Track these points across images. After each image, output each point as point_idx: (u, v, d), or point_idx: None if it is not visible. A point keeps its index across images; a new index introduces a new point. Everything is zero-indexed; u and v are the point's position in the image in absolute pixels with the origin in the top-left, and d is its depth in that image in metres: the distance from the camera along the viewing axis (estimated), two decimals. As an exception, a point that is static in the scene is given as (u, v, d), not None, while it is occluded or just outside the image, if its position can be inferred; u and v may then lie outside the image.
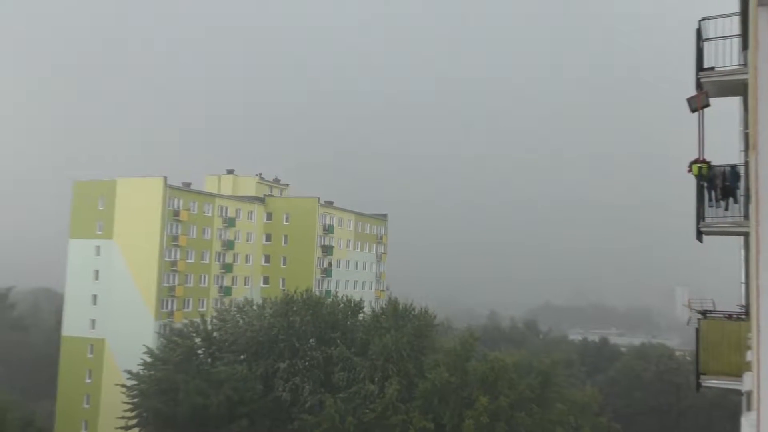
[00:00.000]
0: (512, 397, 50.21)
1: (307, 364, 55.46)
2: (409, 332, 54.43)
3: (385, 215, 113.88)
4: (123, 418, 54.36)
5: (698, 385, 16.20)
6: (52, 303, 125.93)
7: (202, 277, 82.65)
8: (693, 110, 15.05)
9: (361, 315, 62.44)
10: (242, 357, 55.39)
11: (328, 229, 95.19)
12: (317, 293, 76.79)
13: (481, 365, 52.21)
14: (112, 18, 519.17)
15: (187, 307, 78.60)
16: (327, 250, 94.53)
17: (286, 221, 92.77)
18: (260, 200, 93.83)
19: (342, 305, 61.72)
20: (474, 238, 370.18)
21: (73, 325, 78.46)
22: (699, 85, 15.16)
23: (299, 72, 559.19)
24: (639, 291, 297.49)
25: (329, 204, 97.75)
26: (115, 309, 76.13)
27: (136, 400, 54.25)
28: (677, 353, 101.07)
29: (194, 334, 56.95)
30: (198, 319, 59.11)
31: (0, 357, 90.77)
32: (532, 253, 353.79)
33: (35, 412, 65.62)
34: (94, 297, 77.77)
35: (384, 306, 64.91)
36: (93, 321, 77.10)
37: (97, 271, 78.18)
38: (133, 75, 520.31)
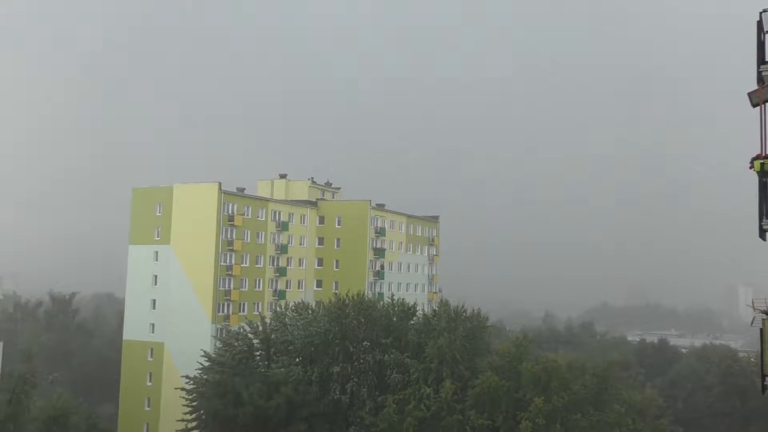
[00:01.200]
0: (566, 398, 49.51)
1: (361, 367, 55.69)
2: (462, 334, 54.16)
3: (436, 217, 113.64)
4: (183, 420, 55.41)
5: (764, 387, 15.72)
6: (114, 308, 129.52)
7: (257, 280, 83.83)
8: (755, 105, 14.62)
9: (414, 318, 62.40)
10: (297, 360, 55.92)
11: (380, 232, 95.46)
12: (370, 296, 77.14)
13: (533, 366, 51.63)
14: (161, 30, 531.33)
15: (243, 311, 79.86)
16: (379, 252, 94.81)
17: (339, 224, 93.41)
18: (312, 204, 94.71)
19: (396, 308, 61.79)
20: (527, 238, 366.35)
21: (133, 329, 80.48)
22: (760, 79, 14.70)
23: (341, 73, 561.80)
24: (699, 291, 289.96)
25: (380, 206, 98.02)
26: (173, 313, 77.82)
27: (195, 402, 55.25)
28: (741, 354, 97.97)
29: (252, 336, 57.70)
30: (258, 322, 59.92)
31: (65, 360, 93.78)
32: (586, 253, 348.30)
33: (99, 414, 67.48)
34: (153, 301, 79.61)
35: (436, 308, 64.76)
36: (152, 325, 78.94)
37: (155, 276, 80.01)
38: (188, 88, 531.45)
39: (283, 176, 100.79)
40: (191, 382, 56.19)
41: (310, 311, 60.63)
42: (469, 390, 50.81)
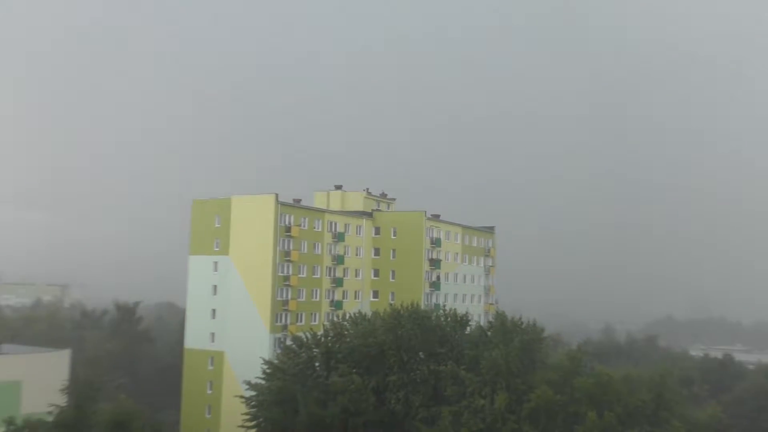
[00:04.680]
0: (619, 411, 48.54)
1: (416, 378, 55.74)
2: (517, 347, 53.65)
3: (492, 228, 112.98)
4: (243, 427, 56.30)
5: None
6: (175, 316, 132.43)
7: (314, 291, 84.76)
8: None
9: (468, 329, 62.13)
10: (354, 370, 56.26)
11: (436, 243, 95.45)
12: (426, 307, 77.09)
13: (587, 380, 50.76)
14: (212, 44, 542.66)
15: (300, 321, 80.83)
16: (435, 263, 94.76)
17: (394, 235, 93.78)
18: (368, 215, 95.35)
19: (449, 318, 61.68)
20: (585, 249, 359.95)
21: (194, 338, 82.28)
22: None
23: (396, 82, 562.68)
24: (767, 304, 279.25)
25: (436, 217, 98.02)
26: (232, 322, 79.30)
27: (254, 410, 56.07)
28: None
29: (313, 346, 58.37)
30: (320, 332, 60.60)
31: (129, 367, 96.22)
32: (648, 264, 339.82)
33: (161, 420, 69.06)
34: (213, 311, 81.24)
35: (491, 320, 64.28)
36: (212, 334, 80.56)
37: (215, 286, 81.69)
38: (249, 102, 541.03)
39: (338, 187, 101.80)
40: (251, 388, 57.05)
41: (366, 321, 61.00)
42: (524, 404, 50.30)
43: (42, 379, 62.18)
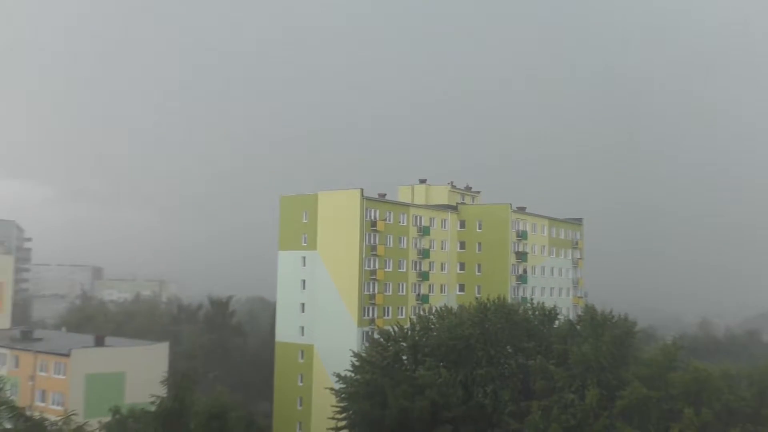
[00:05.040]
0: (717, 408, 46.69)
1: (504, 372, 55.40)
2: (608, 341, 52.42)
3: (579, 219, 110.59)
4: (333, 419, 57.39)
5: None
6: (267, 310, 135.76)
7: (400, 285, 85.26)
8: None
9: (557, 322, 61.18)
10: (441, 364, 56.42)
11: (522, 235, 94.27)
12: (512, 300, 76.38)
13: (682, 375, 49.05)
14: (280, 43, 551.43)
15: (387, 315, 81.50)
16: (521, 256, 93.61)
17: (479, 228, 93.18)
18: (453, 208, 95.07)
19: (536, 312, 60.91)
20: (681, 240, 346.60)
21: (284, 332, 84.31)
22: None
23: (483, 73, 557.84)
24: None
25: (521, 210, 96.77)
26: (320, 316, 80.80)
27: (344, 403, 57.06)
28: None
29: (400, 339, 58.88)
30: (407, 326, 61.06)
31: (223, 360, 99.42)
32: (749, 255, 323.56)
33: (255, 411, 71.15)
34: (302, 305, 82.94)
35: (581, 313, 63.03)
36: (302, 328, 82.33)
37: (303, 281, 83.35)
38: (318, 93, 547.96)
39: (422, 181, 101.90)
40: (340, 381, 58.02)
41: (453, 315, 61.01)
42: (617, 401, 49.17)
43: (143, 370, 65.34)
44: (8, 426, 38.44)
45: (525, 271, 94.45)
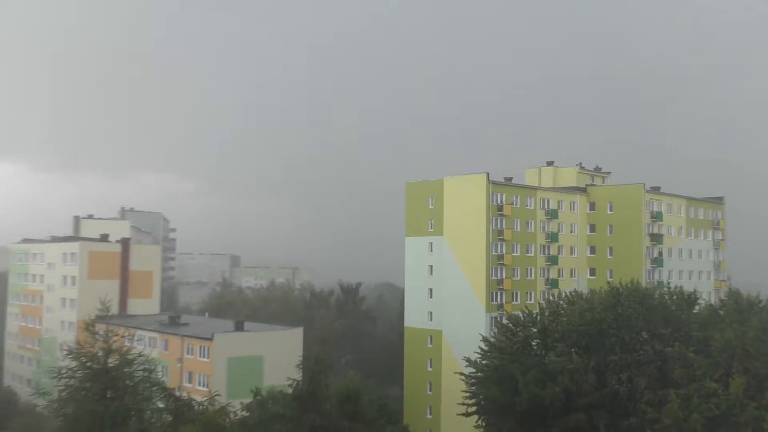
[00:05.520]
0: None
1: (639, 358, 53.39)
2: (756, 327, 49.21)
3: (720, 198, 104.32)
4: (463, 404, 57.55)
5: None
6: (395, 296, 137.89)
7: (528, 270, 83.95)
8: None
9: (697, 308, 58.13)
10: (573, 349, 55.14)
11: (656, 217, 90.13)
12: (647, 284, 73.28)
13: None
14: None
15: (515, 300, 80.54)
16: (656, 238, 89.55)
17: (610, 210, 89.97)
18: (582, 190, 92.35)
19: (674, 296, 58.12)
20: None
21: (413, 317, 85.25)
22: None
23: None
24: None
25: (655, 189, 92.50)
26: (448, 302, 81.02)
27: (473, 388, 57.05)
28: None
29: (529, 325, 58.13)
30: (536, 311, 60.23)
31: (354, 345, 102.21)
32: None
33: (386, 396, 72.55)
34: (430, 291, 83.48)
35: (724, 298, 59.53)
36: (430, 313, 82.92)
37: (431, 267, 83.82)
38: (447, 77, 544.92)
39: (550, 163, 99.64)
40: (470, 365, 57.98)
41: (583, 300, 59.42)
42: (766, 391, 46.17)
43: (280, 354, 68.15)
44: (160, 405, 41.34)
45: (660, 253, 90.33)
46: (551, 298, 68.52)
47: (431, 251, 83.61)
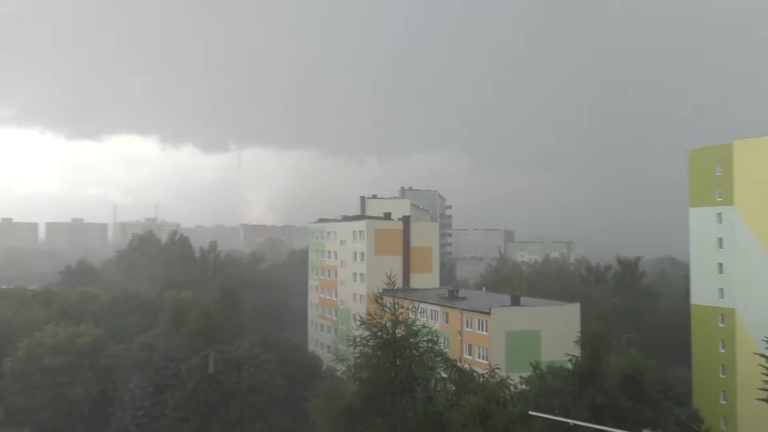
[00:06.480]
0: None
1: None
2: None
3: None
4: (764, 389, 52.68)
5: None
6: (678, 271, 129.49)
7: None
8: None
9: None
10: None
11: None
12: None
13: None
14: None
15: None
16: None
17: None
18: None
19: None
20: None
21: (700, 294, 79.40)
22: None
23: None
24: None
25: None
26: (742, 278, 73.99)
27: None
28: None
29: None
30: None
31: (634, 322, 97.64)
32: None
33: (672, 377, 68.72)
34: (720, 266, 76.97)
35: None
36: (721, 290, 76.51)
37: (720, 239, 77.20)
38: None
39: None
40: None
41: None
42: None
43: (556, 329, 67.89)
44: (443, 375, 43.62)
45: None
46: None
47: (720, 222, 76.94)
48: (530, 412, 36.57)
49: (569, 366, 45.53)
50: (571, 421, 35.15)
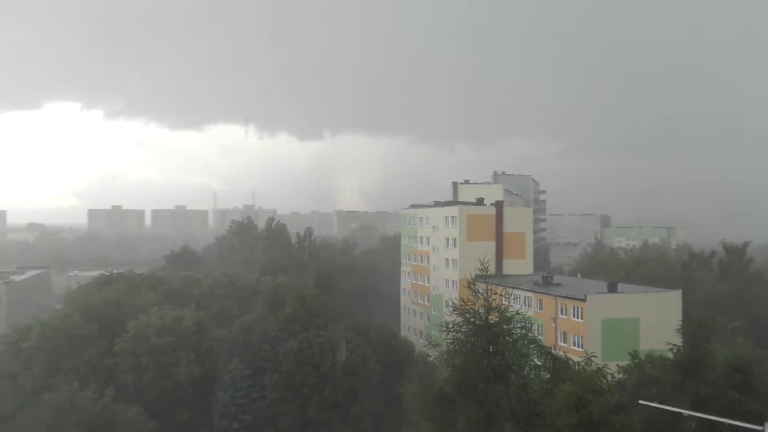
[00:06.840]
0: None
1: None
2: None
3: None
4: None
5: None
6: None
7: None
8: None
9: None
10: None
11: None
12: None
13: None
14: None
15: None
16: None
17: None
18: None
19: None
20: None
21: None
22: None
23: None
24: None
25: None
26: None
27: None
28: None
29: None
30: None
31: (741, 311, 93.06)
32: None
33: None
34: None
35: None
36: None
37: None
38: None
39: None
40: None
41: None
42: None
43: (656, 317, 65.70)
44: (537, 362, 42.93)
45: None
46: None
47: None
48: (640, 402, 35.57)
49: (670, 355, 43.89)
50: (685, 412, 33.88)
